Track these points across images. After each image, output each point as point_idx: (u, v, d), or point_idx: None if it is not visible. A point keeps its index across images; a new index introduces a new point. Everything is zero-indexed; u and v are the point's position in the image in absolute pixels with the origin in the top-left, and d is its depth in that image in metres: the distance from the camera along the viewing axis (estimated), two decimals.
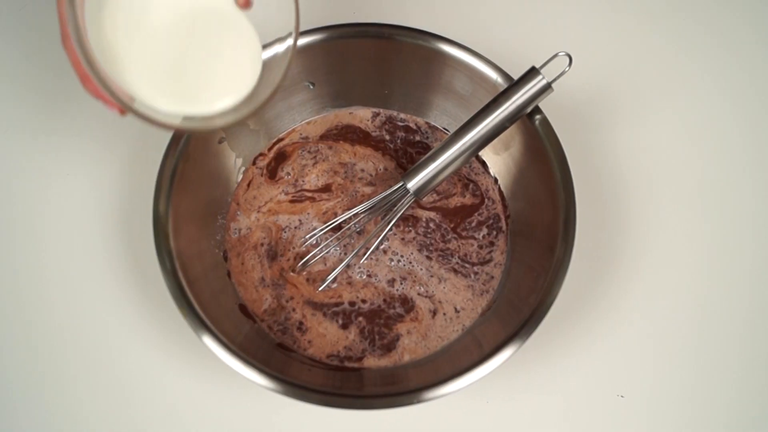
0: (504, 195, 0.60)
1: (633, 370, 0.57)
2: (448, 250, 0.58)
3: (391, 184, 0.58)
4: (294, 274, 0.57)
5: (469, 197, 0.60)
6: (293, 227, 0.58)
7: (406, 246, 0.58)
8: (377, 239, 0.57)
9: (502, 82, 0.55)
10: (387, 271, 0.57)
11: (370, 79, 0.60)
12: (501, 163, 0.60)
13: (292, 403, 0.47)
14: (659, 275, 0.59)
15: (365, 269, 0.57)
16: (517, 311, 0.51)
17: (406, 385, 0.50)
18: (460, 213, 0.59)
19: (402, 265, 0.57)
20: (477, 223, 0.59)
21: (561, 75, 0.52)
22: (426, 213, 0.59)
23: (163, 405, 0.55)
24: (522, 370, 0.56)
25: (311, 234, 0.58)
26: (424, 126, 0.62)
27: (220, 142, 0.57)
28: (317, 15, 0.58)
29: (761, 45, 0.68)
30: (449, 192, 0.60)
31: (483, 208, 0.60)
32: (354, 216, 0.58)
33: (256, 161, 0.61)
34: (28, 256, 0.59)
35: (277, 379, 0.47)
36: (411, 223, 0.59)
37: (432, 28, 0.57)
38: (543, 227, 0.54)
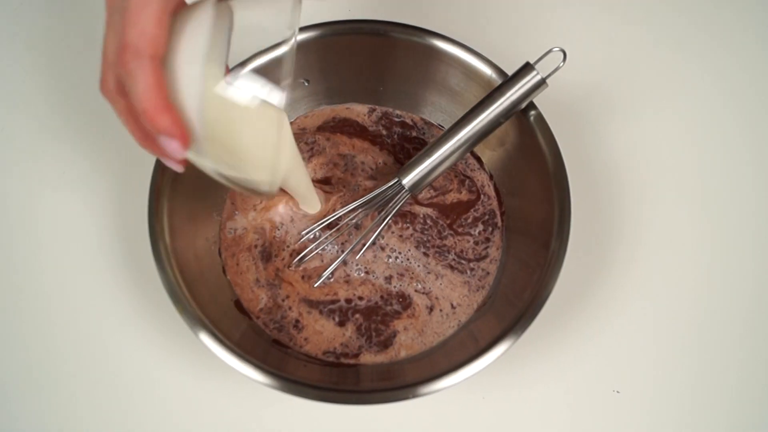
0: (499, 191, 0.60)
1: (629, 365, 0.57)
2: (444, 246, 0.58)
3: (391, 179, 0.58)
4: (291, 269, 0.57)
5: (465, 193, 0.60)
6: (287, 222, 0.58)
7: (403, 243, 0.58)
8: (373, 234, 0.57)
9: (496, 77, 0.55)
10: (384, 268, 0.57)
11: (364, 76, 0.60)
12: (496, 159, 0.60)
13: (288, 399, 0.47)
14: (654, 270, 0.59)
15: (363, 266, 0.57)
16: (513, 306, 0.51)
17: (402, 381, 0.50)
18: (456, 209, 0.59)
19: (400, 262, 0.58)
20: (473, 219, 0.59)
21: (555, 70, 0.52)
22: (423, 209, 0.59)
23: (161, 402, 0.55)
24: (518, 365, 0.56)
25: (308, 229, 0.58)
26: (420, 122, 0.62)
27: None
28: (311, 12, 0.58)
29: (750, 35, 0.68)
30: (446, 188, 0.60)
31: (479, 204, 0.60)
32: (350, 212, 0.58)
33: None
34: (24, 256, 0.59)
35: (274, 375, 0.47)
36: (408, 220, 0.59)
37: (426, 24, 0.57)
38: (538, 223, 0.54)
